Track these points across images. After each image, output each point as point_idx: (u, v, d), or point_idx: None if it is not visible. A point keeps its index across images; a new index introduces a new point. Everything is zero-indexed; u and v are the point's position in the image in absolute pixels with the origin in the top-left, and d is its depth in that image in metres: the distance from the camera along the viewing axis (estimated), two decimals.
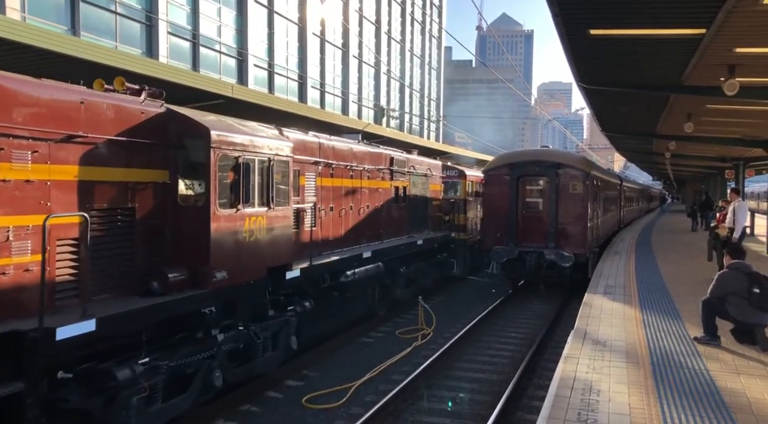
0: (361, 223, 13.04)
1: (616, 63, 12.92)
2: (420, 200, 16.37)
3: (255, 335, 8.60)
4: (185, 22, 28.76)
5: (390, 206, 14.54)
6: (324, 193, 11.44)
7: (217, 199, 7.55)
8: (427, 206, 16.96)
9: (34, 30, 10.78)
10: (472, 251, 20.35)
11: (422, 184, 16.60)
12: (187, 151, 7.66)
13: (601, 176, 20.96)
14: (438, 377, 10.05)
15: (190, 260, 7.40)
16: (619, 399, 5.96)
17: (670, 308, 10.52)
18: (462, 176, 20.49)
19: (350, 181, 12.51)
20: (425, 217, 16.80)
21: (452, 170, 20.54)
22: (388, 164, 14.50)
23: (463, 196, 20.26)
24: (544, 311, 15.46)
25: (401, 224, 15.22)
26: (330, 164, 11.64)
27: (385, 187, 14.26)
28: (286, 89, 37.16)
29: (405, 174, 15.39)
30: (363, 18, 48.23)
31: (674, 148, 27.00)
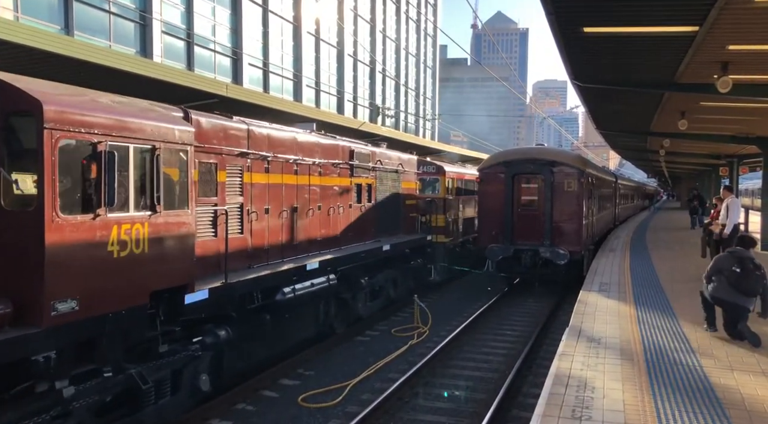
0: (311, 227, 11.04)
1: (610, 61, 12.95)
2: (390, 200, 14.75)
3: (141, 379, 6.67)
4: (180, 21, 28.69)
5: (350, 207, 12.67)
6: (256, 191, 9.42)
7: (58, 202, 5.60)
8: (398, 206, 15.26)
9: (26, 29, 10.73)
10: (453, 255, 19.00)
11: (393, 181, 14.97)
12: (14, 133, 5.70)
13: (596, 174, 21.00)
14: (434, 375, 10.06)
15: (15, 287, 5.48)
16: (614, 396, 5.98)
17: (664, 304, 10.56)
18: (440, 173, 18.52)
19: (294, 178, 10.52)
20: (397, 218, 15.15)
21: (429, 166, 18.62)
22: (347, 158, 12.55)
23: (442, 195, 18.31)
24: (539, 309, 15.50)
25: (366, 227, 13.34)
26: (264, 157, 9.66)
27: (343, 185, 12.41)
28: (282, 88, 37.10)
29: (370, 170, 13.62)
30: (358, 16, 48.19)
31: (668, 146, 27.10)
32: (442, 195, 18.40)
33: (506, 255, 16.62)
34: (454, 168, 20.23)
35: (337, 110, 43.80)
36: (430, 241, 16.69)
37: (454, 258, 19.10)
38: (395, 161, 15.28)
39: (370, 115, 48.80)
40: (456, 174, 19.67)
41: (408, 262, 15.47)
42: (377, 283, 13.56)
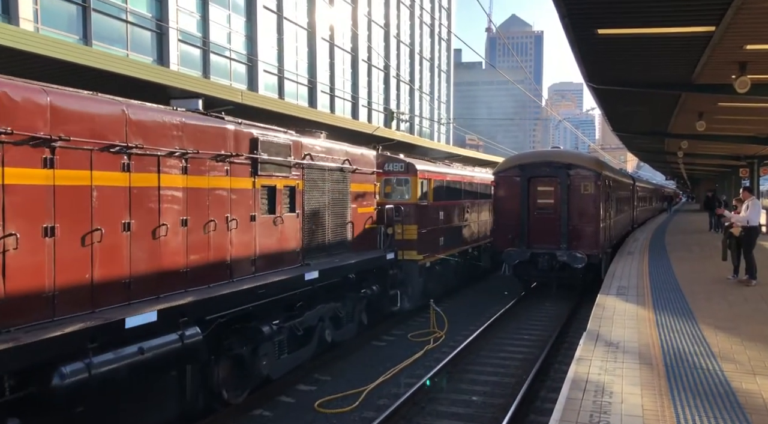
0: (161, 255, 7.23)
1: (625, 63, 12.87)
2: (331, 208, 11.07)
3: None
4: (195, 29, 29.00)
5: (253, 220, 8.77)
6: (17, 199, 5.60)
7: None
8: (345, 216, 11.60)
9: (46, 40, 10.91)
10: (432, 275, 15.66)
11: (336, 182, 11.23)
12: None
13: (613, 176, 20.82)
14: (450, 380, 10.02)
15: None
16: (632, 401, 5.91)
17: (683, 308, 10.42)
18: (411, 172, 14.55)
19: (121, 177, 6.70)
20: (342, 232, 11.52)
21: (396, 164, 14.62)
22: (245, 149, 8.69)
23: (414, 200, 14.43)
24: (556, 313, 15.38)
25: (284, 247, 9.61)
26: (40, 140, 5.80)
27: (238, 188, 8.52)
28: (296, 94, 37.33)
29: (291, 167, 9.78)
30: (372, 22, 48.36)
31: (687, 147, 26.82)
32: (414, 200, 14.42)
33: (523, 259, 16.53)
34: (431, 167, 16.10)
35: (351, 116, 43.95)
36: (394, 259, 13.16)
37: (433, 278, 15.65)
38: (339, 156, 11.37)
39: (385, 120, 48.89)
40: (435, 174, 15.86)
41: (359, 289, 11.90)
42: (303, 325, 9.65)
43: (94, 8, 23.28)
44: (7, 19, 19.68)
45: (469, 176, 19.33)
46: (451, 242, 16.88)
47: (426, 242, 14.92)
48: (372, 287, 12.27)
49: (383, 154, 14.80)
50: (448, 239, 16.53)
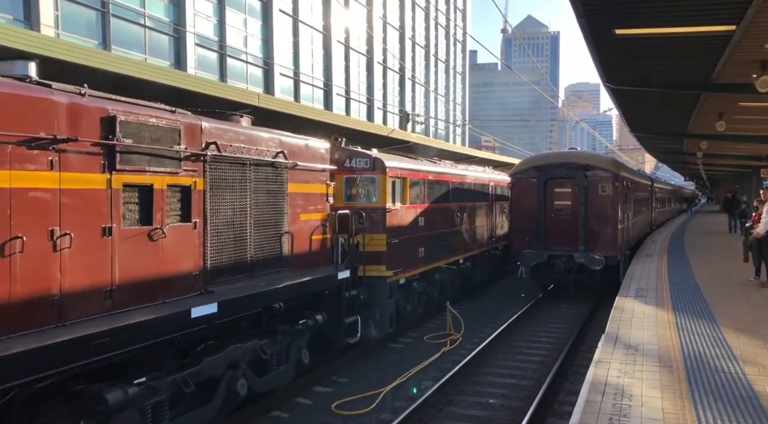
0: None
1: (642, 63, 12.76)
2: (255, 215, 8.31)
3: None
4: (212, 33, 29.26)
5: (103, 235, 6.11)
6: None
7: None
8: (278, 225, 8.79)
9: (66, 45, 11.07)
10: (408, 293, 13.08)
11: (263, 181, 8.49)
12: None
13: (631, 177, 20.63)
14: (467, 382, 9.99)
15: None
16: (652, 404, 5.85)
17: (704, 310, 10.29)
18: (378, 169, 11.80)
19: None
20: (275, 246, 8.70)
21: (360, 159, 11.91)
22: (91, 132, 6.04)
23: (382, 203, 11.77)
24: (574, 315, 15.26)
25: (171, 270, 6.96)
26: None
27: (76, 190, 5.88)
28: (312, 97, 37.48)
29: (182, 159, 7.14)
30: (387, 24, 48.43)
31: (706, 148, 26.50)
32: (382, 203, 11.77)
33: (540, 261, 16.43)
34: (407, 164, 13.30)
35: (367, 118, 44.02)
36: (351, 278, 10.42)
37: (410, 297, 13.22)
38: (269, 147, 8.64)
39: (400, 122, 48.91)
40: (411, 172, 13.18)
41: (299, 320, 9.24)
42: (198, 377, 7.08)
43: (113, 13, 23.59)
44: (29, 25, 20.01)
45: (460, 175, 16.67)
46: (436, 252, 14.31)
47: (398, 254, 12.19)
48: (317, 316, 9.46)
49: (344, 148, 11.93)
50: (432, 248, 14.00)
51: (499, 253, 20.06)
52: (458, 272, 16.18)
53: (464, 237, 16.63)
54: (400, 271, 12.28)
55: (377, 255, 11.61)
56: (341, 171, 11.54)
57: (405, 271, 12.58)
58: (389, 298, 11.90)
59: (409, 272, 12.88)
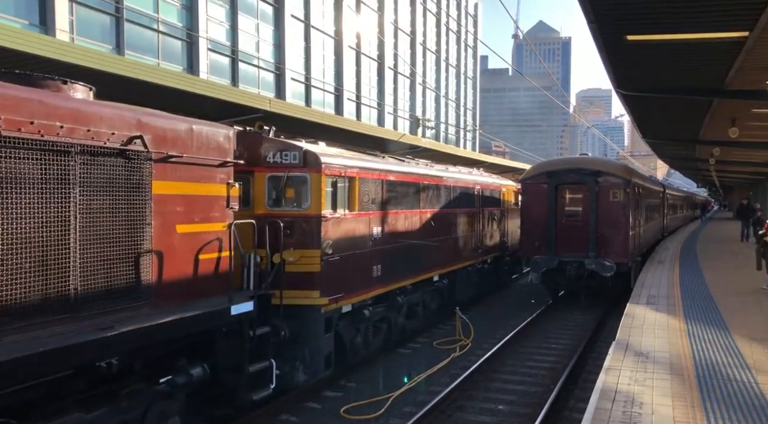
0: None
1: (654, 69, 12.70)
2: (82, 227, 5.67)
3: None
4: (225, 38, 29.46)
5: None
6: None
7: None
8: (132, 241, 6.22)
9: (80, 50, 11.20)
10: (356, 324, 10.41)
11: (111, 178, 6.02)
12: None
13: (643, 184, 20.52)
14: (477, 388, 9.96)
15: None
16: (663, 412, 5.81)
17: (716, 318, 10.20)
18: (310, 166, 9.21)
19: None
20: (125, 270, 6.15)
21: (285, 152, 9.20)
22: None
23: (316, 210, 9.17)
24: (584, 322, 15.18)
25: None
26: None
27: None
28: (323, 102, 37.62)
29: None
30: (398, 30, 48.55)
31: (719, 155, 26.32)
32: (315, 210, 9.15)
33: (550, 267, 16.36)
34: (353, 160, 10.42)
35: (377, 123, 44.10)
36: (250, 313, 7.43)
37: (360, 329, 10.56)
38: (119, 128, 6.13)
39: (411, 127, 48.96)
40: (359, 170, 10.39)
41: (165, 376, 6.62)
42: None
43: (127, 18, 23.82)
44: (44, 30, 20.25)
45: (435, 176, 13.91)
46: (400, 269, 11.79)
47: (340, 274, 9.58)
48: (192, 370, 6.77)
49: (268, 138, 9.34)
50: (393, 265, 11.43)
51: (489, 266, 17.82)
52: (432, 291, 13.81)
53: (441, 250, 13.85)
54: (342, 296, 9.57)
55: (308, 277, 9.02)
56: (264, 168, 9.14)
57: (350, 295, 9.92)
58: (325, 332, 9.19)
59: (358, 297, 10.22)
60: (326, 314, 9.26)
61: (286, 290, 8.50)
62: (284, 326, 8.78)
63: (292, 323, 8.90)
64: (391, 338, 11.98)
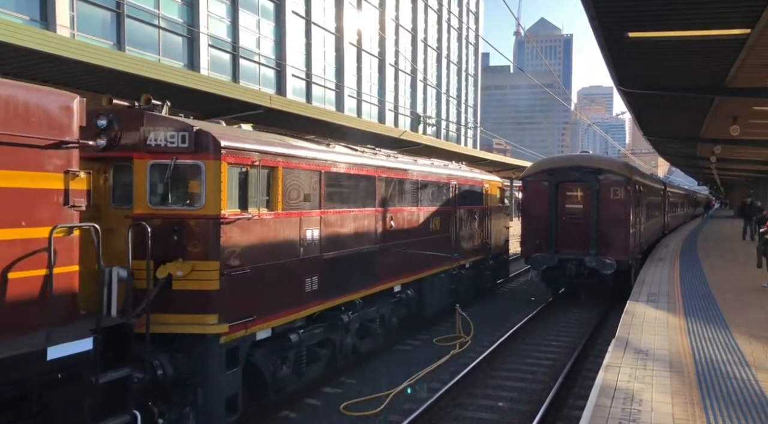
0: None
1: (656, 66, 12.68)
2: None
3: None
4: (225, 34, 29.41)
5: None
6: None
7: None
8: None
9: (81, 46, 11.19)
10: (287, 350, 8.39)
11: None
12: None
13: (644, 181, 20.50)
14: (476, 385, 9.96)
15: None
16: (663, 409, 5.81)
17: (716, 316, 10.20)
18: (204, 150, 7.07)
19: None
20: None
21: (171, 132, 7.07)
22: None
23: (213, 209, 7.05)
24: (584, 320, 15.18)
25: None
26: None
27: None
28: (324, 99, 37.57)
29: None
30: (399, 26, 48.46)
31: (720, 152, 26.29)
32: (213, 209, 7.08)
33: (550, 264, 16.36)
34: (278, 147, 8.33)
35: (378, 120, 44.06)
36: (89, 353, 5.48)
37: (286, 359, 8.44)
38: None
39: (411, 124, 48.91)
40: (290, 160, 8.43)
41: None
42: None
43: (128, 14, 23.78)
44: (45, 26, 20.22)
45: (396, 169, 11.82)
46: (346, 280, 9.79)
47: (250, 292, 7.52)
48: None
49: (145, 113, 7.16)
50: (336, 277, 9.45)
51: (468, 271, 15.93)
52: (394, 304, 11.91)
53: (404, 255, 12.00)
54: (254, 320, 7.54)
55: (202, 297, 6.96)
56: (145, 154, 7.00)
57: (269, 317, 7.89)
58: (226, 368, 7.12)
59: (282, 318, 8.16)
60: (228, 345, 7.13)
61: (173, 314, 6.76)
62: (165, 363, 6.70)
63: (178, 358, 6.85)
64: (336, 363, 9.91)
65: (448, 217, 14.45)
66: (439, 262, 13.88)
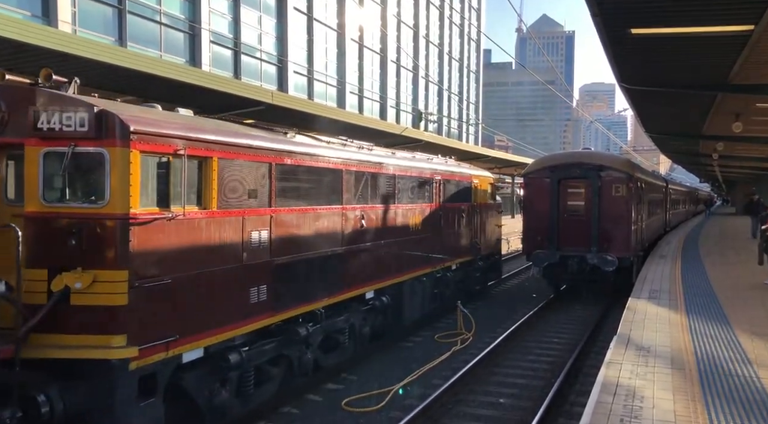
0: None
1: (658, 63, 12.65)
2: None
3: None
4: (227, 30, 29.38)
5: None
6: None
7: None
8: None
9: (82, 41, 11.18)
10: (227, 373, 7.21)
11: None
12: None
13: (645, 178, 20.46)
14: (478, 382, 9.98)
15: None
16: (664, 406, 5.81)
17: (718, 313, 10.20)
18: (110, 135, 5.78)
19: None
20: None
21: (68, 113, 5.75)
22: None
23: (120, 207, 5.77)
24: (586, 317, 15.18)
25: None
26: None
27: None
28: (326, 95, 37.54)
29: None
30: (401, 22, 48.37)
31: (722, 149, 26.24)
32: (120, 207, 5.80)
33: (552, 261, 16.36)
34: (211, 134, 6.94)
35: (379, 116, 44.02)
36: None
37: (227, 382, 7.31)
38: None
39: (413, 121, 48.86)
40: (228, 148, 7.17)
41: None
42: None
43: (129, 10, 23.75)
44: (47, 22, 20.20)
45: (369, 163, 10.59)
46: (303, 289, 8.56)
47: (172, 307, 6.33)
48: None
49: (37, 90, 5.94)
50: (291, 284, 8.29)
51: (455, 273, 14.78)
52: (366, 312, 10.71)
53: (377, 257, 10.83)
54: (178, 339, 6.32)
55: (106, 314, 5.75)
56: (37, 139, 5.79)
57: (200, 335, 6.67)
58: (139, 399, 5.92)
59: (218, 335, 6.94)
60: (142, 371, 5.90)
61: (71, 335, 5.65)
62: (55, 398, 5.52)
63: (74, 390, 5.64)
64: (293, 382, 8.82)
65: (430, 215, 13.28)
66: (420, 264, 12.77)
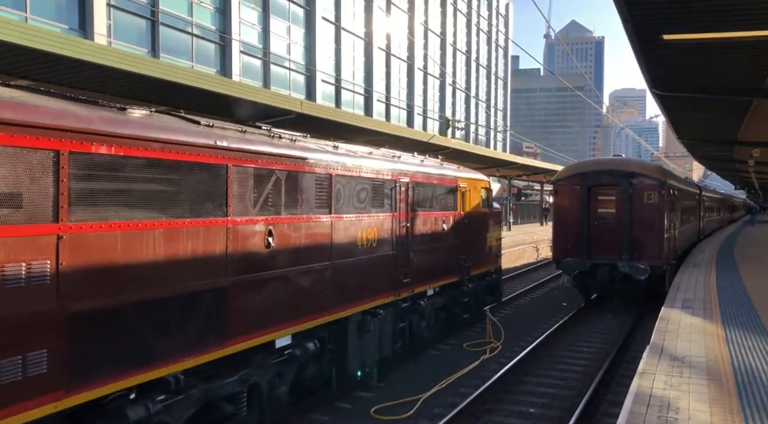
0: None
1: (691, 68, 12.45)
2: None
3: None
4: (257, 41, 29.81)
5: None
6: None
7: None
8: None
9: (117, 53, 11.46)
10: None
11: None
12: None
13: (678, 185, 20.10)
14: (507, 391, 9.89)
15: None
16: (700, 418, 5.68)
17: (756, 324, 9.94)
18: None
19: None
20: None
21: None
22: None
23: None
24: (617, 326, 14.94)
25: None
26: None
27: None
28: (353, 103, 37.78)
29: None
30: (428, 30, 48.48)
31: (759, 156, 25.62)
32: None
33: (582, 269, 16.15)
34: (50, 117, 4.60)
35: (407, 124, 44.11)
36: None
37: None
38: None
39: (440, 128, 48.83)
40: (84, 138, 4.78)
41: None
42: None
43: (162, 22, 24.30)
44: (84, 34, 20.78)
45: (282, 156, 7.21)
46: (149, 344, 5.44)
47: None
48: None
49: None
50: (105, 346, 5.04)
51: (433, 301, 11.95)
52: (280, 365, 7.68)
53: (298, 288, 7.66)
54: None
55: None
56: None
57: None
58: None
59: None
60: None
61: None
62: None
63: None
64: None
65: (392, 227, 10.05)
66: (376, 292, 9.64)
